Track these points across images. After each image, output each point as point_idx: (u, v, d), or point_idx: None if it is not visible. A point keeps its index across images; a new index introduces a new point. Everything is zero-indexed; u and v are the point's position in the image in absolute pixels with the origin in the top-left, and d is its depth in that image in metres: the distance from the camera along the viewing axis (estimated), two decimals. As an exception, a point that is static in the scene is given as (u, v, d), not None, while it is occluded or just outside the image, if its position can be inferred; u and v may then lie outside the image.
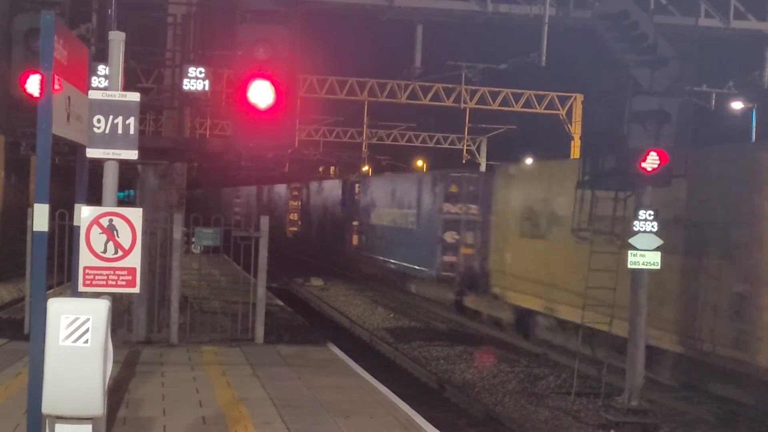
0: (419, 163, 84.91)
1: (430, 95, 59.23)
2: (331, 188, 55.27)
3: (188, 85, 17.32)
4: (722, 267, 19.38)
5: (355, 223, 47.60)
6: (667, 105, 17.64)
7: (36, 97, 9.88)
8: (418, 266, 37.76)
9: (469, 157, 70.39)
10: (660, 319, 20.37)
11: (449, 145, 73.21)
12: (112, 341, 7.98)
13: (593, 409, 19.51)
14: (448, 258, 35.10)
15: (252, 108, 14.27)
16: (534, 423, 18.98)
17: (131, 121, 8.51)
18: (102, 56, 14.42)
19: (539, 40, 21.27)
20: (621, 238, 18.65)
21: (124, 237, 8.31)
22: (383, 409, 13.74)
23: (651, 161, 17.27)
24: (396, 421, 13.01)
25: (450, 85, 58.33)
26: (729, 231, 19.24)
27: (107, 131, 8.45)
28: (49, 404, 7.41)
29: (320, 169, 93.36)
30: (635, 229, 17.39)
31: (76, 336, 7.37)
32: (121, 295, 13.82)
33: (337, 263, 50.50)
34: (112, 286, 8.32)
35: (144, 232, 8.87)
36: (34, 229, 8.24)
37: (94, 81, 14.04)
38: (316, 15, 23.23)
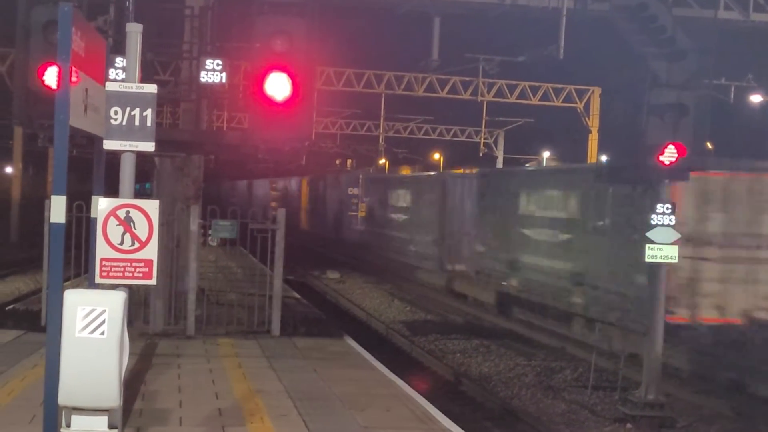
0: (436, 156, 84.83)
1: (447, 88, 59.21)
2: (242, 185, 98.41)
3: (205, 77, 17.29)
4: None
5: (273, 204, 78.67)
6: (685, 98, 17.53)
7: (54, 89, 9.88)
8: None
9: (486, 150, 70.32)
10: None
11: (466, 138, 73.18)
12: (129, 333, 7.98)
13: (610, 403, 19.48)
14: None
15: (269, 100, 14.24)
16: (550, 416, 18.94)
17: (148, 112, 8.49)
18: (120, 48, 14.44)
19: (557, 33, 21.24)
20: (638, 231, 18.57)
21: (141, 229, 8.31)
22: (399, 402, 13.73)
23: (669, 155, 17.19)
24: (412, 414, 13.01)
25: (467, 78, 58.34)
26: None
27: (124, 123, 8.45)
28: (65, 395, 7.42)
29: (337, 161, 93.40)
30: (653, 222, 17.32)
31: (92, 327, 7.38)
32: (138, 287, 13.85)
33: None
34: (128, 278, 8.31)
35: (161, 224, 8.87)
36: (51, 220, 8.24)
37: (112, 73, 14.07)
38: (334, 7, 23.22)
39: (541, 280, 29.13)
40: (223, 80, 17.36)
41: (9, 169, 63.46)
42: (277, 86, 14.16)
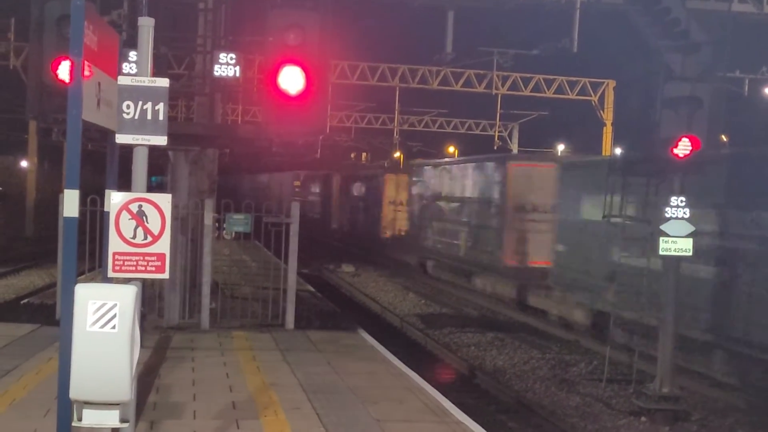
0: (451, 149, 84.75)
1: (461, 81, 59.08)
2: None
3: (219, 71, 17.31)
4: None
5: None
6: (700, 91, 17.45)
7: (67, 83, 9.90)
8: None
9: (500, 143, 70.23)
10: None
11: (481, 131, 73.07)
12: (144, 327, 8.00)
13: (624, 396, 19.46)
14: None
15: (282, 94, 14.21)
16: (565, 410, 18.93)
17: (160, 106, 8.48)
18: (134, 42, 14.41)
19: (571, 26, 21.20)
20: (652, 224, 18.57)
21: (154, 223, 8.31)
22: (413, 395, 13.75)
23: (683, 147, 17.13)
24: (425, 407, 13.03)
25: (481, 71, 58.18)
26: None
27: (136, 117, 8.44)
28: (76, 389, 7.42)
29: (352, 155, 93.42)
30: (667, 215, 17.26)
31: (103, 321, 7.37)
32: (153, 280, 13.88)
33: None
34: (141, 271, 8.31)
35: (175, 219, 8.87)
36: (64, 214, 8.27)
37: (126, 67, 14.11)
38: (348, 0, 23.20)
39: (362, 230, 58.81)
40: (237, 74, 17.37)
41: (24, 164, 63.58)
42: (291, 80, 14.11)
